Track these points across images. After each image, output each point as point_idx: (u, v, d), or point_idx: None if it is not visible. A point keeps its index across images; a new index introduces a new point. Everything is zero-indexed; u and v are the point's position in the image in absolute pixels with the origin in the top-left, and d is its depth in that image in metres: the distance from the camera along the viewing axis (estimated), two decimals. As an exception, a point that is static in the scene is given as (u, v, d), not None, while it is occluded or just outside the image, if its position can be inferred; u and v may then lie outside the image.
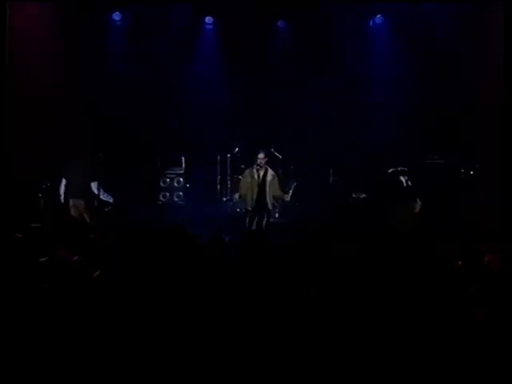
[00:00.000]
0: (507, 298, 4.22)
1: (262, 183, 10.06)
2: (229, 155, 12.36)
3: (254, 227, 9.92)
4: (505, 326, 3.98)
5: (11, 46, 9.99)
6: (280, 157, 12.10)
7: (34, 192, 10.19)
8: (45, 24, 10.97)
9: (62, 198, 9.87)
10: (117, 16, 12.33)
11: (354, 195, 10.92)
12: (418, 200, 9.85)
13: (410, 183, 9.93)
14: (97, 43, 12.01)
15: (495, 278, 4.61)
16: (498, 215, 9.75)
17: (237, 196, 10.59)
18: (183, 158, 12.50)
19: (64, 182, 9.87)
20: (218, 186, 12.53)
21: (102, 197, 9.74)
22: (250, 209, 10.12)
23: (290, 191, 10.45)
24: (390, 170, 10.00)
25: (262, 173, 10.09)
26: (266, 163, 10.17)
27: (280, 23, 12.60)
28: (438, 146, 11.77)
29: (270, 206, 10.18)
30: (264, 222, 10.08)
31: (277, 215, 11.78)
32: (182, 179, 12.46)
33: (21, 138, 10.35)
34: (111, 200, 9.88)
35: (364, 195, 10.68)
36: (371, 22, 12.43)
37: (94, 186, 9.68)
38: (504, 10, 8.73)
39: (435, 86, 11.75)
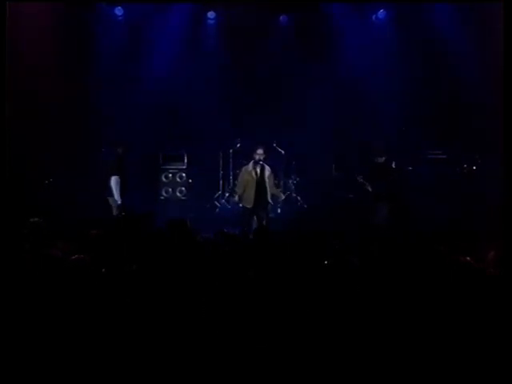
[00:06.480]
0: (507, 296, 4.22)
1: (261, 180, 9.59)
2: (231, 150, 12.37)
3: (254, 225, 9.44)
4: (505, 326, 3.98)
5: (11, 46, 9.96)
6: (282, 152, 12.11)
7: (34, 189, 10.21)
8: (44, 23, 10.93)
9: None
10: (119, 11, 12.29)
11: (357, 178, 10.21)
12: (394, 201, 9.47)
13: (393, 182, 9.57)
14: (96, 39, 11.96)
15: (498, 274, 4.62)
16: (500, 211, 9.70)
17: (236, 198, 10.09)
18: (185, 153, 12.47)
19: None
20: (221, 181, 12.55)
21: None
22: (249, 207, 9.62)
23: (281, 189, 10.29)
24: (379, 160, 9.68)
25: (259, 170, 9.62)
26: (264, 160, 9.65)
27: (282, 18, 12.58)
28: (440, 141, 11.77)
29: (272, 202, 9.89)
30: (264, 220, 9.61)
31: (279, 210, 11.79)
32: (184, 174, 12.44)
33: (20, 136, 10.32)
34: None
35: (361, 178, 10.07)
36: (374, 17, 12.40)
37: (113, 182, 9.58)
38: (504, 10, 8.66)
39: (437, 82, 11.75)
